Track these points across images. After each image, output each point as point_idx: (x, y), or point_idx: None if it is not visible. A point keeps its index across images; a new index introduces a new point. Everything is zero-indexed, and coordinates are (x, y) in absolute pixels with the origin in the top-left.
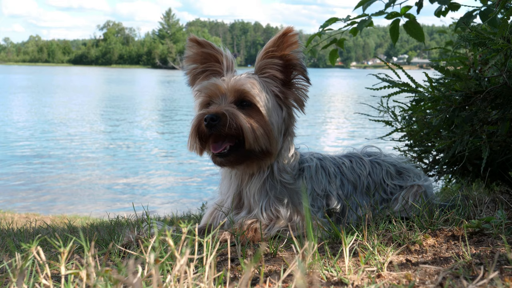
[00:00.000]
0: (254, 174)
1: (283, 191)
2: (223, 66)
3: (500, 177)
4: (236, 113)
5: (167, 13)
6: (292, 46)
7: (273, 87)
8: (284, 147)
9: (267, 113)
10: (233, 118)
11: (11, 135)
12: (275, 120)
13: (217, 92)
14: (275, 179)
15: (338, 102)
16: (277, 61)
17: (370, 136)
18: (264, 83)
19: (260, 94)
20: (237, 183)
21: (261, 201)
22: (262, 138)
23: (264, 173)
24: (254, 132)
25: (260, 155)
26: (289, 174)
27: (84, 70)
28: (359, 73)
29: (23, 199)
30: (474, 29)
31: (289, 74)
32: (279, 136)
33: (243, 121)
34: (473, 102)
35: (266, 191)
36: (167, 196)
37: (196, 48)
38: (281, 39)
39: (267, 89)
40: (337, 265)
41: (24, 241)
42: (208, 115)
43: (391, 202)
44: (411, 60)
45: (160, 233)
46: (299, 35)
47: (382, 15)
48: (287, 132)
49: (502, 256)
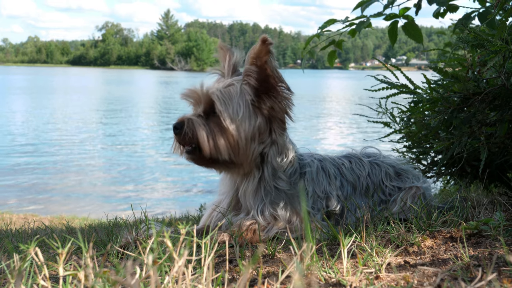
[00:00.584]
0: (247, 176)
1: (279, 196)
2: (224, 70)
3: (498, 178)
4: (194, 123)
5: (166, 14)
6: (267, 55)
7: (248, 95)
8: (270, 154)
9: (231, 123)
10: (190, 128)
11: (9, 135)
12: (245, 129)
13: (195, 99)
14: (268, 184)
15: (337, 103)
16: (255, 69)
17: (368, 137)
18: (240, 91)
19: (228, 103)
20: (233, 184)
21: (257, 205)
22: (223, 148)
23: (254, 178)
24: (211, 142)
25: (227, 164)
26: (283, 181)
27: (83, 71)
28: (358, 74)
29: (21, 199)
30: (472, 31)
31: (265, 83)
32: (249, 145)
33: (199, 132)
34: (472, 104)
35: (261, 196)
36: (166, 197)
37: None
38: (260, 47)
39: (242, 97)
40: (335, 266)
41: (22, 242)
42: (174, 123)
43: (389, 203)
44: (410, 61)
45: (158, 234)
46: (273, 44)
47: (380, 17)
48: (268, 138)
49: (500, 258)
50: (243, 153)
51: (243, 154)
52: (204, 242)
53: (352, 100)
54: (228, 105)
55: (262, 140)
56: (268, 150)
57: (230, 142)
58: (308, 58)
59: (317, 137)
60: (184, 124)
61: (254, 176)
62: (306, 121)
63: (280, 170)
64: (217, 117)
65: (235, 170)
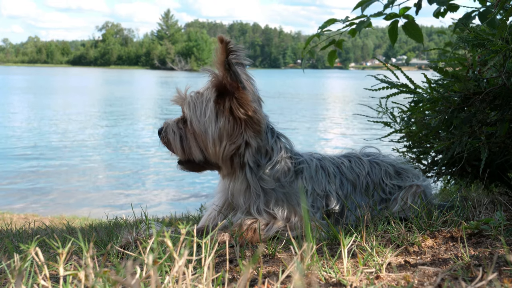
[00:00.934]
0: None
1: (270, 195)
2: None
3: (499, 178)
4: (170, 127)
5: (166, 14)
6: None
7: (213, 96)
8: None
9: (198, 125)
10: (165, 132)
11: (10, 135)
12: (212, 130)
13: (180, 104)
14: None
15: (337, 103)
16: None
17: (369, 137)
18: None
19: (196, 106)
20: (226, 185)
21: (247, 204)
22: (194, 149)
23: (240, 179)
24: (184, 146)
25: (207, 165)
26: (267, 181)
27: (83, 71)
28: (358, 74)
29: (21, 199)
30: (473, 30)
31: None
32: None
33: (171, 136)
34: (472, 103)
35: (250, 196)
36: (166, 197)
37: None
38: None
39: (209, 99)
40: (335, 266)
41: (22, 242)
42: (159, 128)
43: (390, 202)
44: (410, 61)
45: (158, 234)
46: (230, 42)
47: (380, 16)
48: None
49: (501, 257)
50: (213, 153)
51: (214, 155)
52: (204, 242)
53: (353, 100)
54: (196, 108)
55: (233, 141)
56: (243, 151)
57: (200, 143)
58: (308, 58)
59: (318, 137)
60: (163, 129)
61: (239, 177)
62: (307, 121)
63: (263, 170)
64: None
65: (218, 171)
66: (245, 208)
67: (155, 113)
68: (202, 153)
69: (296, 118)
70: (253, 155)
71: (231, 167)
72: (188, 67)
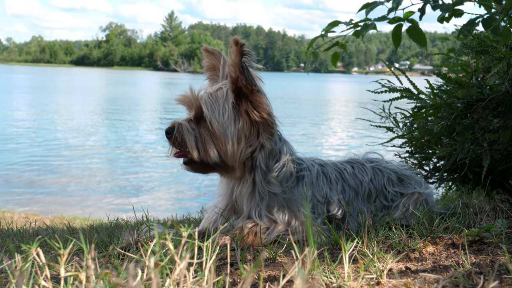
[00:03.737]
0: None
1: (274, 200)
2: (219, 74)
3: (500, 185)
4: (183, 128)
5: (170, 15)
6: (238, 57)
7: (231, 98)
8: (259, 158)
9: (217, 127)
10: (179, 133)
11: (11, 134)
12: (231, 131)
13: (188, 104)
14: (261, 189)
15: (340, 107)
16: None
17: (371, 142)
18: (226, 94)
19: (214, 107)
20: (229, 187)
21: (252, 209)
22: (212, 151)
23: (248, 182)
24: (200, 146)
25: (220, 167)
26: (275, 185)
27: (86, 71)
28: (361, 78)
29: (22, 199)
30: (476, 37)
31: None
32: (236, 147)
33: (186, 136)
34: (475, 110)
35: (255, 200)
36: (167, 198)
37: (207, 57)
38: (233, 50)
39: (227, 100)
40: (336, 271)
41: (23, 242)
42: (166, 127)
43: (391, 209)
44: (413, 66)
45: (160, 237)
46: (245, 45)
47: (384, 20)
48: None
49: (502, 265)
50: (231, 155)
51: (232, 157)
52: (205, 245)
53: (355, 104)
54: (214, 109)
55: (250, 143)
56: (257, 154)
57: (218, 145)
58: (312, 61)
59: (318, 142)
60: (173, 130)
61: (247, 180)
62: (309, 125)
63: (271, 174)
64: (205, 122)
65: (228, 174)
66: (247, 211)
67: (158, 114)
68: (219, 154)
69: (297, 121)
70: (265, 158)
71: (244, 169)
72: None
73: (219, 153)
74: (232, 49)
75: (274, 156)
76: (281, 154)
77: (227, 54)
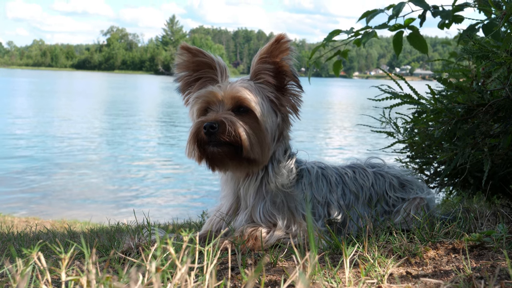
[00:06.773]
0: (249, 175)
1: (278, 194)
2: (217, 72)
3: (501, 190)
4: (234, 120)
5: (171, 19)
6: (284, 53)
7: (268, 92)
8: (278, 151)
9: (262, 119)
10: (231, 125)
11: (12, 138)
12: (270, 126)
13: (215, 99)
14: (270, 181)
15: (340, 111)
16: (270, 67)
17: (372, 147)
18: (259, 89)
19: (256, 100)
20: (234, 185)
21: (258, 204)
22: (256, 145)
23: (259, 175)
24: (250, 139)
25: (249, 162)
26: (284, 176)
27: (87, 75)
28: (362, 83)
29: (23, 202)
30: (477, 42)
31: (281, 80)
32: (272, 142)
33: (241, 128)
34: (476, 115)
35: (262, 194)
36: (168, 202)
37: (187, 56)
38: (274, 45)
39: (262, 95)
40: (337, 276)
41: (24, 246)
42: (207, 122)
43: (392, 214)
44: (414, 71)
45: (161, 241)
46: (291, 42)
47: (385, 28)
48: (281, 136)
49: (503, 270)
50: (267, 150)
51: (267, 151)
52: (206, 250)
53: (356, 109)
54: (256, 102)
55: (279, 137)
56: (277, 147)
57: (260, 139)
58: (313, 68)
59: (319, 147)
60: (224, 123)
61: (258, 174)
62: (311, 130)
63: (283, 166)
64: (247, 115)
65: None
66: (250, 209)
67: (159, 118)
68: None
69: (298, 125)
70: (282, 151)
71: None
72: None
73: (260, 147)
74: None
75: (287, 149)
76: (289, 148)
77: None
